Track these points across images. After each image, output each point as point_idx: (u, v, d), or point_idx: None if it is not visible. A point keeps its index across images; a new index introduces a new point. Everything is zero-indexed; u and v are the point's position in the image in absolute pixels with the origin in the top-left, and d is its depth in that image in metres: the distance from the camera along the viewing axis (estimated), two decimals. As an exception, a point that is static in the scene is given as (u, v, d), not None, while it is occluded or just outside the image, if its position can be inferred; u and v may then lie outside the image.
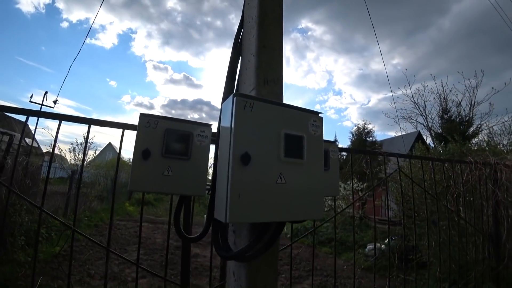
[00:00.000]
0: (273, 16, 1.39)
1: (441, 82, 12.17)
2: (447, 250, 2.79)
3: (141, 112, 1.18)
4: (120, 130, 1.47)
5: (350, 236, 8.00)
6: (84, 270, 5.02)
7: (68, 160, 12.35)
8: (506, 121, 10.17)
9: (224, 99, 1.38)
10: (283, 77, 1.43)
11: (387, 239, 5.69)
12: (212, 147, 1.25)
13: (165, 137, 1.16)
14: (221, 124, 1.08)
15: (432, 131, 12.29)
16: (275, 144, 1.01)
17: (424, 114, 12.36)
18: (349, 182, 9.57)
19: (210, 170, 1.34)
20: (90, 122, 1.46)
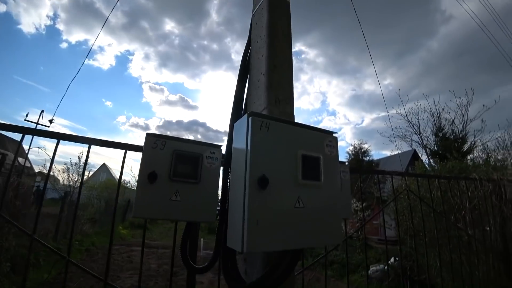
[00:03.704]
0: (282, 35, 1.38)
1: (433, 100, 12.39)
2: (455, 270, 2.68)
3: (148, 132, 1.12)
4: (117, 151, 1.38)
5: (351, 257, 7.76)
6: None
7: (61, 181, 11.90)
8: (499, 137, 10.26)
9: (233, 120, 1.33)
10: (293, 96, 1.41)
11: (390, 260, 5.54)
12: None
13: (173, 159, 1.10)
14: (234, 146, 1.02)
15: (427, 149, 12.38)
16: (292, 166, 0.95)
17: (418, 133, 12.47)
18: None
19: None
20: (90, 142, 1.33)
